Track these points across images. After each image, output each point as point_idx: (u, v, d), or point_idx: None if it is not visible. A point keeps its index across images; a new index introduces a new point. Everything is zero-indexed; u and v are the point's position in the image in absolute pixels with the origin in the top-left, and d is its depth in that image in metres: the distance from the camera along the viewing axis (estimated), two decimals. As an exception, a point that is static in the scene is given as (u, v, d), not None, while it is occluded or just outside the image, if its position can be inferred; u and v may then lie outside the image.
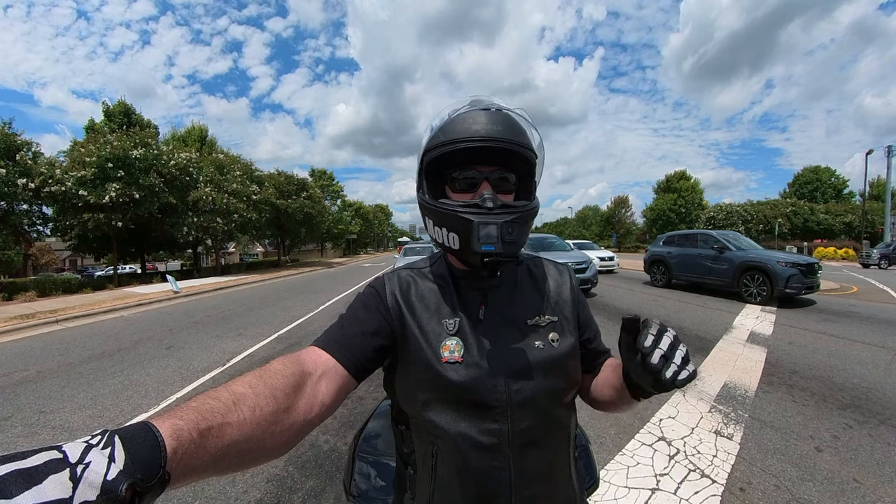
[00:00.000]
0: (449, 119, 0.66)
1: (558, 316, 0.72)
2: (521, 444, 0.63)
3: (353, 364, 0.62)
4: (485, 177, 0.66)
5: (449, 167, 0.68)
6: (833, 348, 4.62)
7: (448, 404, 0.63)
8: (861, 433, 2.63)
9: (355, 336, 0.65)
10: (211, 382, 3.89)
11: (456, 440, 0.62)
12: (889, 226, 26.10)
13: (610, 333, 5.92)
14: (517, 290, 0.74)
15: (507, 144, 0.63)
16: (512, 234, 0.61)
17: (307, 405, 0.53)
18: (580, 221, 70.76)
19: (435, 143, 0.65)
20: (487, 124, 0.63)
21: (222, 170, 19.34)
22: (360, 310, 0.69)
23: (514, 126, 0.65)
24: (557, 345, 0.69)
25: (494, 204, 0.62)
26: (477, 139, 0.62)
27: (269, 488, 2.16)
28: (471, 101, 0.69)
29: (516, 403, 0.63)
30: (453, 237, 0.63)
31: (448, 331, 0.67)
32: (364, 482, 1.01)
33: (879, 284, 11.07)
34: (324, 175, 48.90)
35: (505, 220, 0.61)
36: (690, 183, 52.10)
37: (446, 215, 0.64)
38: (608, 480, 2.15)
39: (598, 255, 14.68)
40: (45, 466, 0.27)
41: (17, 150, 12.41)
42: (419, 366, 0.65)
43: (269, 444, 0.47)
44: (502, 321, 0.69)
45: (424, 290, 0.72)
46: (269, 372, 0.52)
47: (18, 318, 7.30)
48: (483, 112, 0.65)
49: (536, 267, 0.79)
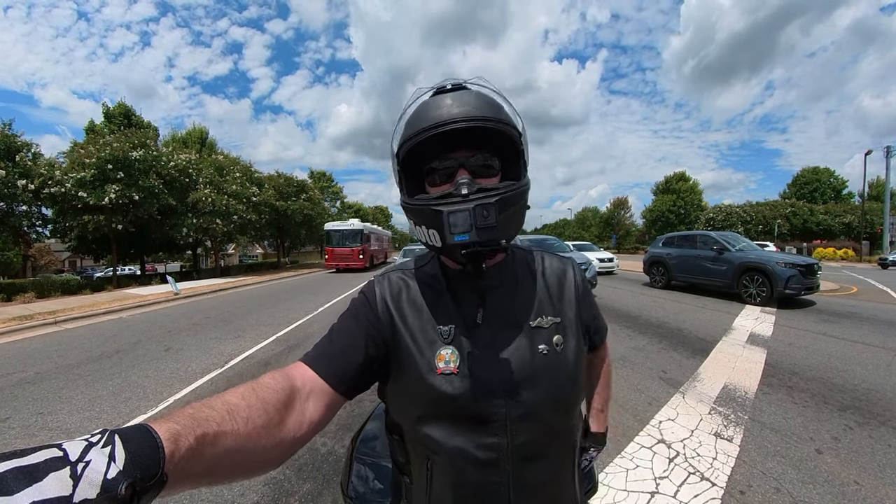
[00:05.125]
0: (414, 111, 0.61)
1: (561, 317, 0.66)
2: (521, 459, 0.59)
3: (340, 382, 0.59)
4: (460, 163, 0.60)
5: (425, 162, 0.62)
6: (833, 349, 4.61)
7: (443, 419, 0.59)
8: (862, 435, 2.62)
9: (343, 351, 0.61)
10: (209, 384, 3.88)
11: (452, 455, 0.59)
12: (888, 226, 26.15)
13: (609, 334, 5.95)
14: (518, 289, 0.68)
15: (476, 122, 0.56)
16: (487, 218, 0.54)
17: (297, 422, 0.52)
18: (580, 223, 70.84)
19: (403, 138, 0.60)
20: (453, 106, 0.57)
21: (222, 171, 19.34)
22: (350, 320, 0.65)
23: (485, 102, 0.59)
24: (561, 349, 0.63)
25: (469, 189, 0.56)
26: (441, 122, 0.56)
27: (266, 491, 2.15)
28: (434, 87, 0.64)
29: (517, 416, 0.59)
30: (433, 234, 0.57)
31: (443, 339, 0.62)
32: (362, 485, 1.01)
33: (879, 285, 11.08)
34: (323, 177, 49.00)
35: (477, 204, 0.54)
36: (690, 184, 52.23)
37: (423, 212, 0.58)
38: (607, 484, 2.13)
39: (597, 256, 14.69)
40: (46, 464, 0.27)
41: (17, 151, 12.39)
42: (412, 378, 0.61)
43: (259, 457, 0.47)
44: (502, 324, 0.63)
45: (416, 293, 0.67)
46: (261, 385, 0.51)
47: (17, 319, 7.28)
48: (447, 94, 0.60)
49: (537, 262, 0.73)
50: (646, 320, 6.54)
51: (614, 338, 5.41)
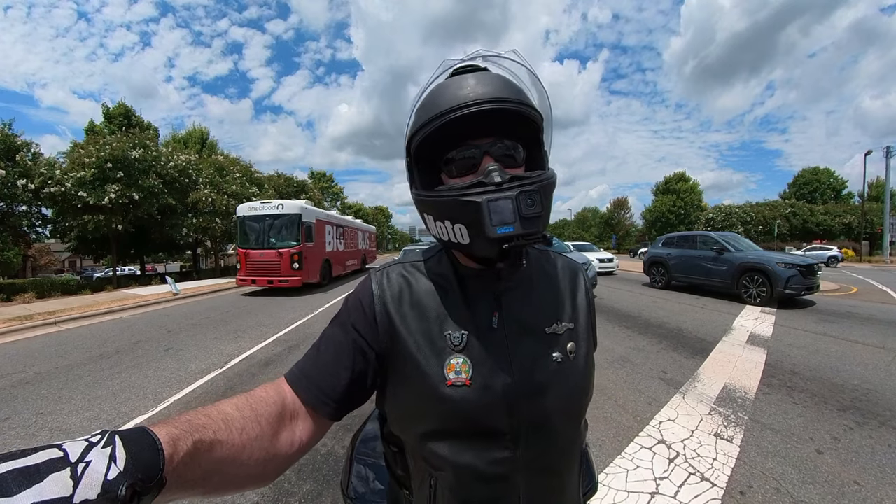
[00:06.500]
0: (429, 94, 0.56)
1: (575, 322, 0.62)
2: (534, 472, 0.56)
3: (322, 404, 0.55)
4: (484, 150, 0.54)
5: (442, 151, 0.56)
6: (833, 349, 4.61)
7: (452, 434, 0.54)
8: (862, 435, 2.62)
9: (327, 367, 0.56)
10: (209, 385, 3.87)
11: (459, 472, 0.54)
12: (888, 226, 26.17)
13: (609, 335, 5.88)
14: (533, 291, 0.62)
15: (506, 104, 0.50)
16: (532, 207, 0.49)
17: (288, 438, 0.52)
18: (579, 223, 70.88)
19: (418, 124, 0.54)
20: (477, 86, 0.51)
21: (222, 171, 19.33)
22: (337, 328, 0.60)
23: (507, 83, 0.53)
24: (574, 357, 0.59)
25: (503, 178, 0.50)
26: (466, 103, 0.50)
27: (266, 491, 2.15)
28: (451, 67, 0.57)
29: (530, 429, 0.55)
30: (460, 229, 0.51)
31: (453, 346, 0.55)
32: (362, 485, 1.00)
33: (879, 285, 11.08)
34: (323, 177, 49.03)
35: (520, 192, 0.49)
36: (690, 184, 52.24)
37: (447, 204, 0.52)
38: (607, 484, 2.13)
39: (597, 256, 14.70)
40: (46, 465, 0.27)
41: (17, 151, 12.39)
42: (417, 391, 0.55)
43: (253, 470, 0.47)
44: (518, 330, 0.57)
45: (421, 293, 0.60)
46: (254, 398, 0.51)
47: (17, 320, 7.28)
48: (469, 74, 0.54)
49: (550, 263, 0.67)
50: (646, 321, 6.53)
51: (614, 338, 5.41)
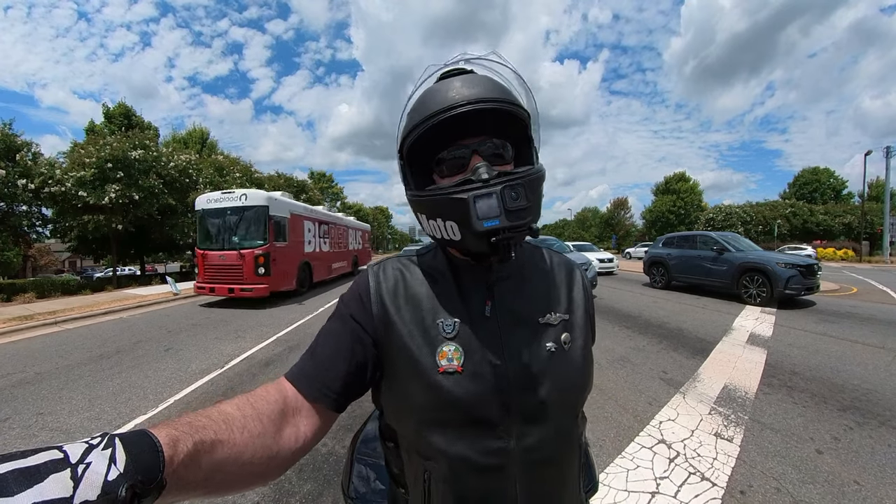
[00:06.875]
0: (419, 98, 0.58)
1: (570, 314, 0.64)
2: (530, 463, 0.56)
3: (324, 396, 0.56)
4: (473, 149, 0.57)
5: (433, 153, 0.59)
6: (833, 349, 4.62)
7: (445, 422, 0.55)
8: (862, 435, 2.62)
9: (327, 361, 0.57)
10: (209, 385, 3.87)
11: (452, 463, 0.54)
12: (888, 226, 26.17)
13: (609, 335, 5.87)
14: (526, 282, 0.64)
15: (490, 104, 0.53)
16: (517, 200, 0.51)
17: (292, 435, 0.52)
18: (580, 223, 70.87)
19: (409, 127, 0.57)
20: (463, 87, 0.54)
21: (222, 171, 19.34)
22: (336, 322, 0.61)
23: (495, 85, 0.56)
24: (569, 347, 0.61)
25: (489, 174, 0.53)
26: (452, 105, 0.53)
27: (266, 491, 2.15)
28: (437, 71, 0.60)
29: (525, 419, 0.55)
30: (451, 226, 0.54)
31: (445, 334, 0.57)
32: (362, 485, 1.00)
33: (879, 285, 11.08)
34: (323, 177, 49.03)
35: (504, 186, 0.51)
36: (690, 184, 52.21)
37: (437, 203, 0.55)
38: (608, 484, 2.14)
39: (597, 256, 14.70)
40: (46, 466, 0.28)
41: (17, 151, 12.40)
42: (410, 378, 0.56)
43: (256, 468, 0.47)
44: (510, 318, 0.59)
45: (416, 285, 0.62)
46: (255, 397, 0.52)
47: (17, 320, 7.27)
48: (455, 77, 0.57)
49: (543, 257, 0.70)
50: (646, 320, 6.53)
51: (614, 338, 5.41)
